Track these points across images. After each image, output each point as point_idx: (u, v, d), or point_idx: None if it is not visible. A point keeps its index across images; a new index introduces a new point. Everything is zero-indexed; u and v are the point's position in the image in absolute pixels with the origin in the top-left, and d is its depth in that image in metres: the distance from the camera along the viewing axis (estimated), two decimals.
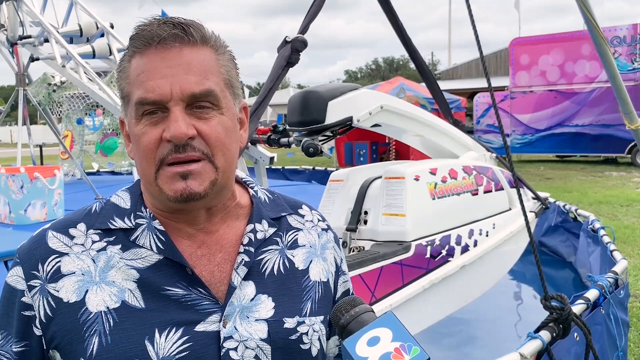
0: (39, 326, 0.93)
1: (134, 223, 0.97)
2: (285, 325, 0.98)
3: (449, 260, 3.37)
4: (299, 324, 0.99)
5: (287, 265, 1.04)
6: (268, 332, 0.96)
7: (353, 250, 3.29)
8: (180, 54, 0.92)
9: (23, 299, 0.93)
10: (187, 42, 0.93)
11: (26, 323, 0.93)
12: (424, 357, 0.76)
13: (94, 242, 0.96)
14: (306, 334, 0.99)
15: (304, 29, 3.29)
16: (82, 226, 0.98)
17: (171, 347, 0.91)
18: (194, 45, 0.93)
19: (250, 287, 0.98)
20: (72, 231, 0.97)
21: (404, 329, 0.79)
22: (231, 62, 0.99)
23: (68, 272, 0.93)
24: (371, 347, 0.76)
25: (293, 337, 0.98)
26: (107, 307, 0.91)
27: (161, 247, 0.95)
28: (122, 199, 1.01)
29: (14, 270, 0.96)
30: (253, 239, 1.01)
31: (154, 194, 0.96)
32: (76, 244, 0.96)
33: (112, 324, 0.90)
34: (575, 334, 2.56)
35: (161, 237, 0.96)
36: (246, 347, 0.94)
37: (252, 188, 1.09)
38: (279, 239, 1.05)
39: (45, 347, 0.94)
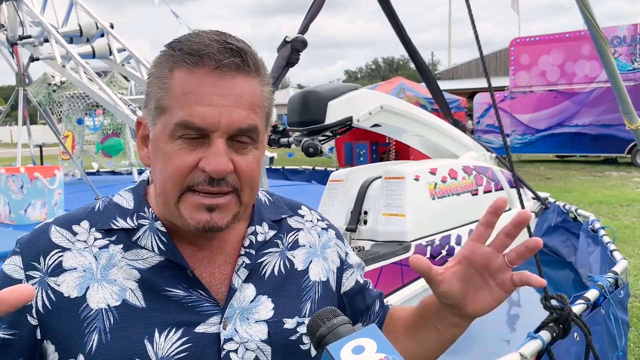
0: (35, 316, 0.91)
1: (136, 223, 0.97)
2: (285, 326, 0.98)
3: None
4: (299, 324, 0.99)
5: (287, 266, 1.04)
6: (268, 333, 0.96)
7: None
8: (233, 82, 0.89)
9: None
10: (242, 70, 0.89)
11: (20, 312, 0.89)
12: None
13: (96, 239, 0.96)
14: (306, 334, 0.98)
15: (304, 29, 3.29)
16: (85, 224, 0.97)
17: (170, 347, 0.91)
18: (247, 74, 0.90)
19: (250, 289, 0.99)
20: (75, 227, 0.97)
21: (388, 342, 0.77)
22: (271, 94, 0.96)
23: (69, 268, 0.93)
24: (356, 355, 0.74)
25: (293, 338, 0.98)
26: (108, 305, 0.91)
27: (163, 248, 0.95)
28: (125, 199, 1.01)
29: (12, 259, 0.94)
30: (254, 241, 1.02)
31: (172, 215, 0.94)
32: (79, 240, 0.95)
33: (112, 322, 0.90)
34: (575, 334, 2.55)
35: (163, 238, 0.96)
36: (246, 349, 0.94)
37: None
38: (279, 241, 1.06)
39: (39, 338, 0.92)
